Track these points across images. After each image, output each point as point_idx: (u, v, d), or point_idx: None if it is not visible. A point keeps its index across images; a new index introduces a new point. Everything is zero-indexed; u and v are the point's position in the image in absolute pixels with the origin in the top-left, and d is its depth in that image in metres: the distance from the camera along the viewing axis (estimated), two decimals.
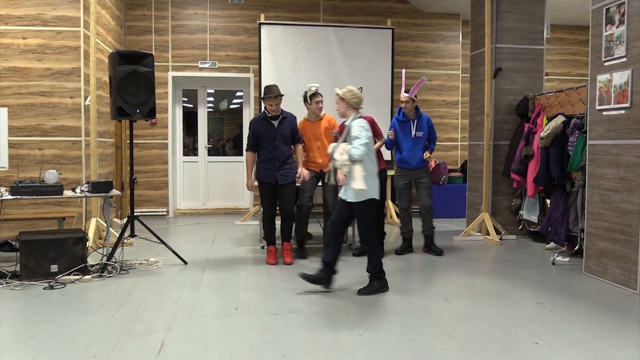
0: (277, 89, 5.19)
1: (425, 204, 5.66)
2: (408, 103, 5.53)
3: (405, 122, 5.64)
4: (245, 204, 9.01)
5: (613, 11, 4.49)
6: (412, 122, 5.61)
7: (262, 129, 5.21)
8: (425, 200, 5.65)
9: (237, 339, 3.24)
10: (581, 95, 5.57)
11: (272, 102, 5.16)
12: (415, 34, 9.08)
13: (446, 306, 3.92)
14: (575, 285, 4.56)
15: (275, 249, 5.33)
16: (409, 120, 5.62)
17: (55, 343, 3.14)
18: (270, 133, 5.20)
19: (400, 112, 5.67)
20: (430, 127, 5.72)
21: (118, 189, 7.35)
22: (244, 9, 8.65)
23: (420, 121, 5.64)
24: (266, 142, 5.20)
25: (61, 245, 4.55)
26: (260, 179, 5.26)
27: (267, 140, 5.20)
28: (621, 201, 4.42)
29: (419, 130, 5.61)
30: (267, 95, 5.18)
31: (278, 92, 5.17)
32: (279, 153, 5.21)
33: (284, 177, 5.22)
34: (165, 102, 8.43)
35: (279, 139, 5.21)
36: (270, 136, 5.20)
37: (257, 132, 5.21)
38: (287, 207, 5.31)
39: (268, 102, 5.18)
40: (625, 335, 3.32)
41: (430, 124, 5.74)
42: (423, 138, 5.63)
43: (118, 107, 5.18)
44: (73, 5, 6.06)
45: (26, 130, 6.01)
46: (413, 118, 5.62)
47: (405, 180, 5.69)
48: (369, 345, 3.15)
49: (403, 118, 5.64)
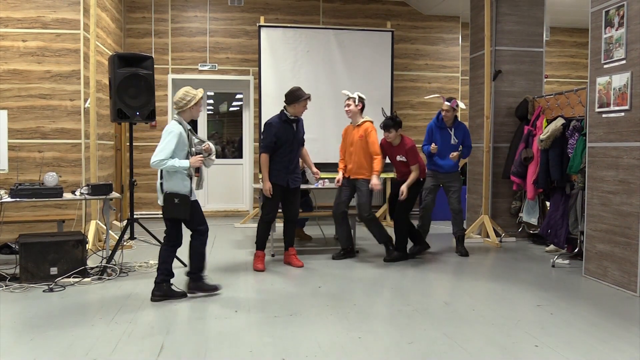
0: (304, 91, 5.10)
1: (455, 208, 5.80)
2: (449, 112, 5.72)
3: (443, 129, 5.79)
4: (245, 206, 9.01)
5: (612, 14, 4.49)
6: (451, 129, 5.77)
7: (284, 131, 5.07)
8: (455, 204, 5.79)
9: (237, 341, 3.24)
10: (581, 98, 5.57)
11: (305, 104, 5.08)
12: (415, 36, 9.09)
13: (446, 308, 3.92)
14: (575, 287, 4.56)
15: (264, 255, 5.21)
16: (446, 128, 5.78)
17: (54, 346, 3.14)
18: (290, 136, 5.10)
19: (439, 118, 5.82)
20: (467, 134, 5.90)
21: (118, 191, 7.34)
22: (244, 12, 8.66)
23: (458, 130, 5.81)
24: (285, 145, 5.08)
25: (61, 248, 4.55)
26: (273, 181, 5.08)
27: (287, 144, 5.09)
28: (621, 203, 4.42)
29: (457, 138, 5.80)
30: (303, 98, 5.02)
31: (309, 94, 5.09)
32: (294, 156, 5.18)
33: (294, 181, 5.18)
34: (165, 105, 8.43)
35: (296, 143, 5.18)
36: (290, 139, 5.10)
37: (278, 135, 5.02)
38: (294, 211, 5.28)
39: (302, 104, 5.05)
40: (625, 338, 3.31)
41: (467, 132, 5.93)
42: (457, 145, 5.80)
43: (118, 109, 5.19)
44: (73, 8, 6.07)
45: (26, 133, 6.01)
46: (450, 126, 5.78)
47: (434, 182, 5.82)
48: (368, 347, 3.15)
49: (441, 124, 5.80)
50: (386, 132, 5.37)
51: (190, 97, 4.08)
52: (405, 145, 5.44)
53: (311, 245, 6.38)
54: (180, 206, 3.99)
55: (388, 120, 5.37)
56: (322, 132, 7.67)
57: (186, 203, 4.01)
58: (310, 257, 5.64)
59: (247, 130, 8.86)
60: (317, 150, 6.61)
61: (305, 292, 4.32)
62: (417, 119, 9.10)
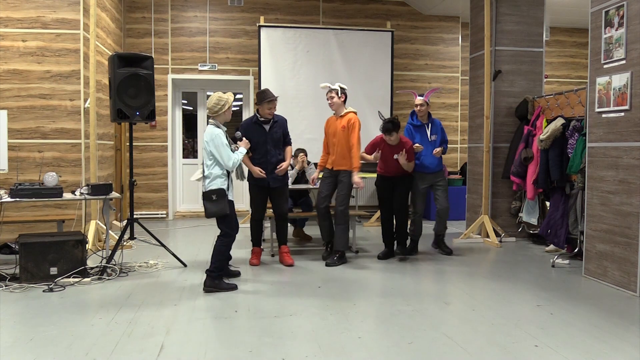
0: (272, 93, 5.19)
1: (443, 206, 5.74)
2: (423, 107, 5.67)
3: (420, 127, 5.74)
4: (245, 206, 9.00)
5: (612, 14, 4.49)
6: (427, 126, 5.72)
7: (253, 133, 5.15)
8: (443, 203, 5.73)
9: (237, 341, 3.24)
10: (580, 98, 5.57)
11: (271, 105, 5.16)
12: (414, 36, 9.09)
13: (446, 309, 3.92)
14: (575, 287, 4.56)
15: (259, 250, 5.42)
16: (423, 125, 5.73)
17: (54, 346, 3.14)
18: (261, 137, 5.17)
19: (413, 117, 5.78)
20: (442, 130, 5.84)
21: (117, 191, 7.34)
22: (244, 12, 8.66)
23: (434, 125, 5.77)
24: (257, 146, 5.17)
25: (61, 248, 4.55)
26: (252, 182, 5.25)
27: (259, 145, 5.17)
28: (621, 203, 4.42)
29: (434, 134, 5.73)
30: (266, 99, 5.13)
31: (275, 96, 5.17)
32: (270, 157, 5.20)
33: (275, 180, 5.22)
34: (164, 105, 8.43)
35: (270, 143, 5.21)
36: (262, 140, 5.17)
37: (247, 137, 5.00)
38: (281, 210, 5.33)
39: (267, 106, 5.14)
40: (625, 338, 3.31)
41: (442, 127, 5.86)
42: (437, 141, 5.74)
43: (118, 109, 5.18)
44: (73, 8, 6.07)
45: (26, 133, 6.01)
46: (426, 122, 5.74)
47: (425, 184, 5.75)
48: (368, 347, 3.15)
49: (417, 122, 5.75)
50: (387, 135, 5.37)
51: (224, 101, 4.43)
52: (406, 144, 5.45)
53: (311, 245, 6.38)
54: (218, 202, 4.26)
55: (388, 123, 5.35)
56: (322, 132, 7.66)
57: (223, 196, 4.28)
58: (310, 257, 5.64)
59: None
60: (317, 150, 6.59)
61: (305, 292, 4.32)
62: None
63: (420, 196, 5.76)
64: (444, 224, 5.86)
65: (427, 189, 5.77)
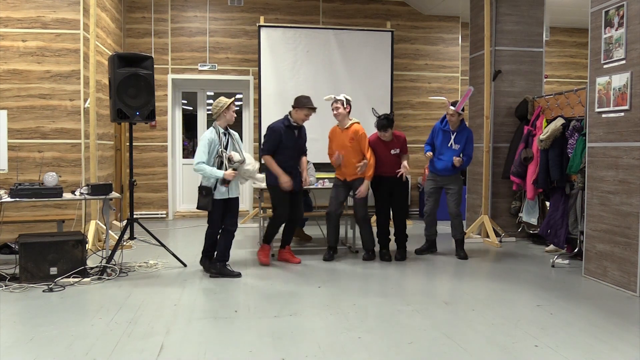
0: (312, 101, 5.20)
1: (452, 211, 5.72)
2: (454, 116, 5.60)
3: (446, 132, 5.70)
4: (245, 206, 9.00)
5: (612, 14, 4.50)
6: (453, 133, 5.66)
7: (287, 136, 5.16)
8: (453, 208, 5.70)
9: (237, 341, 3.24)
10: (580, 98, 5.57)
11: (309, 113, 5.17)
12: (414, 36, 9.09)
13: (446, 308, 3.92)
14: (575, 287, 4.56)
15: (270, 248, 5.39)
16: (449, 131, 5.68)
17: (54, 346, 3.13)
18: (292, 142, 5.19)
19: (443, 120, 5.74)
20: (468, 142, 5.70)
21: (117, 191, 7.34)
22: (244, 12, 8.66)
23: (459, 134, 5.66)
24: (287, 150, 5.17)
25: (60, 248, 4.54)
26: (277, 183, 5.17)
27: (289, 149, 5.18)
28: (620, 203, 4.42)
29: (457, 143, 5.66)
30: (308, 105, 5.14)
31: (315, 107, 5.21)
32: (295, 162, 5.25)
33: (298, 184, 5.28)
34: (164, 105, 8.43)
35: (297, 149, 5.27)
36: (291, 145, 5.19)
37: (281, 139, 5.10)
38: (299, 213, 5.38)
39: (306, 112, 5.15)
40: (625, 338, 3.32)
41: (470, 139, 5.72)
42: (458, 151, 5.66)
43: (118, 109, 5.19)
44: (73, 8, 6.07)
45: (26, 133, 6.01)
46: (454, 130, 5.66)
47: (433, 185, 5.77)
48: (368, 347, 3.15)
49: (445, 127, 5.71)
50: (382, 132, 5.37)
51: (222, 104, 4.74)
52: (400, 137, 5.52)
53: (311, 245, 6.39)
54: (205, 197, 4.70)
55: (383, 120, 5.36)
56: (322, 132, 7.60)
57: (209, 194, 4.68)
58: (310, 257, 5.64)
59: (247, 130, 8.86)
60: (316, 150, 6.60)
61: (305, 292, 4.32)
62: (417, 119, 9.10)
63: (429, 196, 5.81)
64: (457, 229, 5.78)
65: (437, 189, 5.77)
